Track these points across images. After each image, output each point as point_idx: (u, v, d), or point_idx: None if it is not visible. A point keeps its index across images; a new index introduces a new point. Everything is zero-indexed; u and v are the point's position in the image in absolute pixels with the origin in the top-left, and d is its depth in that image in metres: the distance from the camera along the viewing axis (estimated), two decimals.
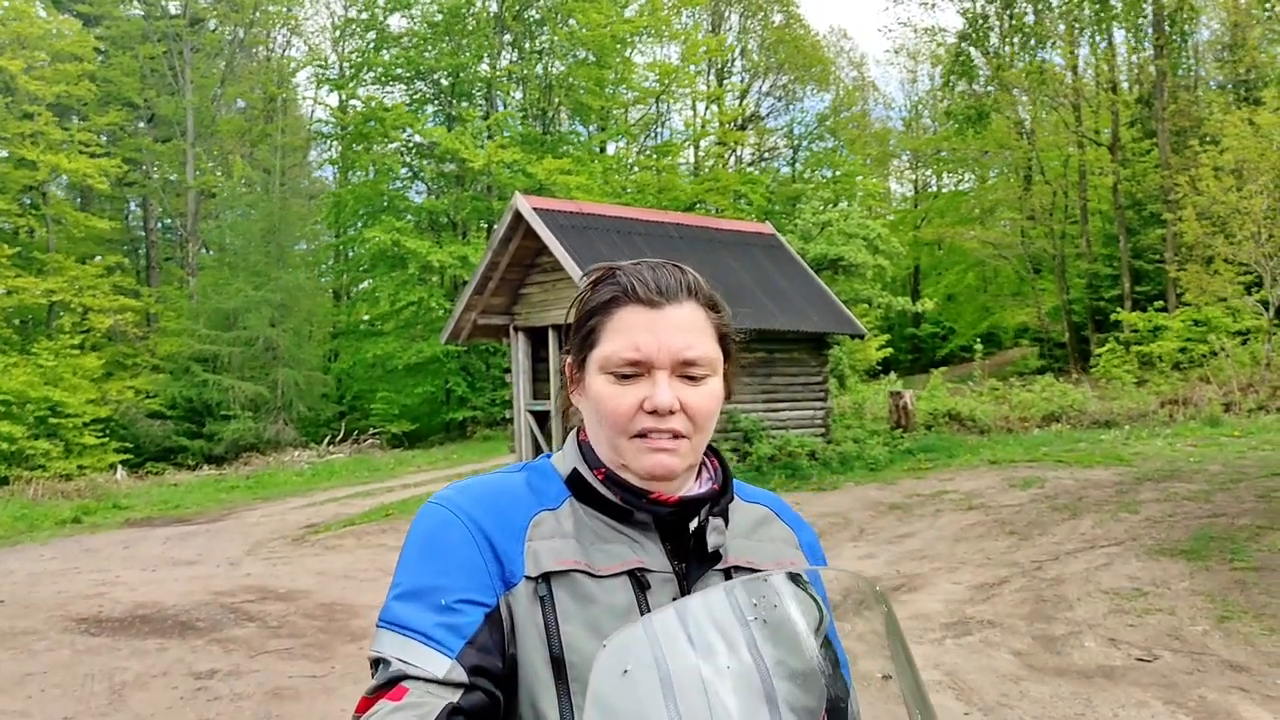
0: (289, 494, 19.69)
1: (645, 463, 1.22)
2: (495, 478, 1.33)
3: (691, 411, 1.23)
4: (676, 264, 1.30)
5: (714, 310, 1.30)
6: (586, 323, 1.29)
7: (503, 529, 1.23)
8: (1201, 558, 8.42)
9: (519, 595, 1.19)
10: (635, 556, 1.24)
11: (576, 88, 37.81)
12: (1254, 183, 20.57)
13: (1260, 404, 18.65)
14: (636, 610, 1.19)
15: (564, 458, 1.35)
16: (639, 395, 1.22)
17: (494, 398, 31.87)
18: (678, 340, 1.23)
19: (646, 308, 1.24)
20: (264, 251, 31.17)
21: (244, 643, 7.66)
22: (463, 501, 1.26)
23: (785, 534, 1.42)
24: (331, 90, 37.64)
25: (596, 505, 1.28)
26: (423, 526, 1.26)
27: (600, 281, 1.30)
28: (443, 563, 1.20)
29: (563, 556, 1.21)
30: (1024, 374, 29.73)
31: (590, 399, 1.27)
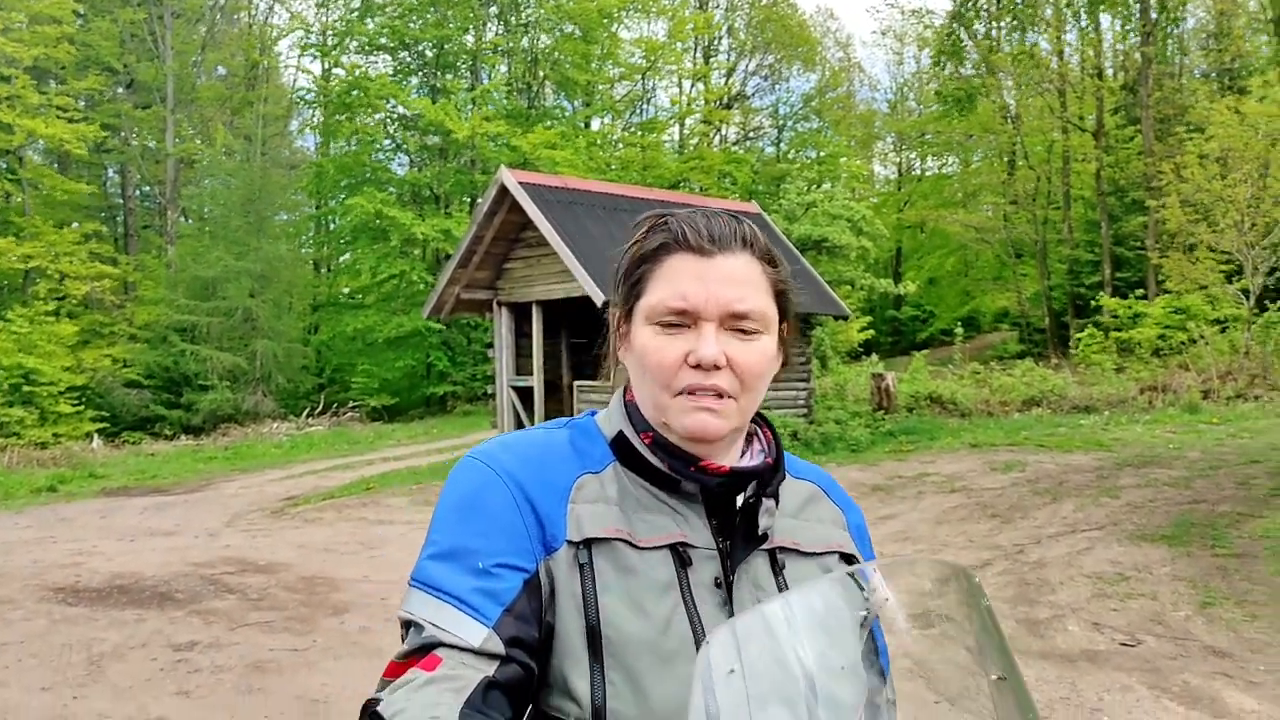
0: (267, 466, 19.58)
1: (687, 421, 1.15)
2: (538, 435, 1.27)
3: (740, 369, 1.15)
4: (734, 213, 1.23)
5: (771, 265, 1.22)
6: (635, 271, 1.22)
7: (545, 489, 1.16)
8: (1183, 543, 8.48)
9: (559, 561, 1.13)
10: (678, 530, 1.17)
11: (562, 62, 37.53)
12: (1238, 171, 20.65)
13: (1238, 392, 18.79)
14: (676, 586, 1.13)
15: (609, 418, 1.28)
16: (684, 348, 1.15)
17: (475, 373, 31.74)
18: (728, 291, 1.16)
19: (697, 256, 1.17)
20: (244, 221, 30.81)
21: (224, 615, 7.60)
22: (505, 458, 1.19)
23: (834, 514, 1.36)
24: (315, 58, 37.19)
25: (641, 472, 1.21)
26: (462, 483, 1.19)
27: (652, 229, 1.24)
28: (482, 523, 1.14)
29: (606, 524, 1.15)
30: (1004, 358, 29.86)
31: (635, 351, 1.21)
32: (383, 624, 7.17)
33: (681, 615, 1.12)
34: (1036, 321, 37.41)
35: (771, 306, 1.20)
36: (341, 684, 5.96)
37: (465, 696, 1.01)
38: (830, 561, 1.28)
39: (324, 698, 5.75)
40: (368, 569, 9.14)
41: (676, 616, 1.11)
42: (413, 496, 13.40)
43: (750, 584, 1.18)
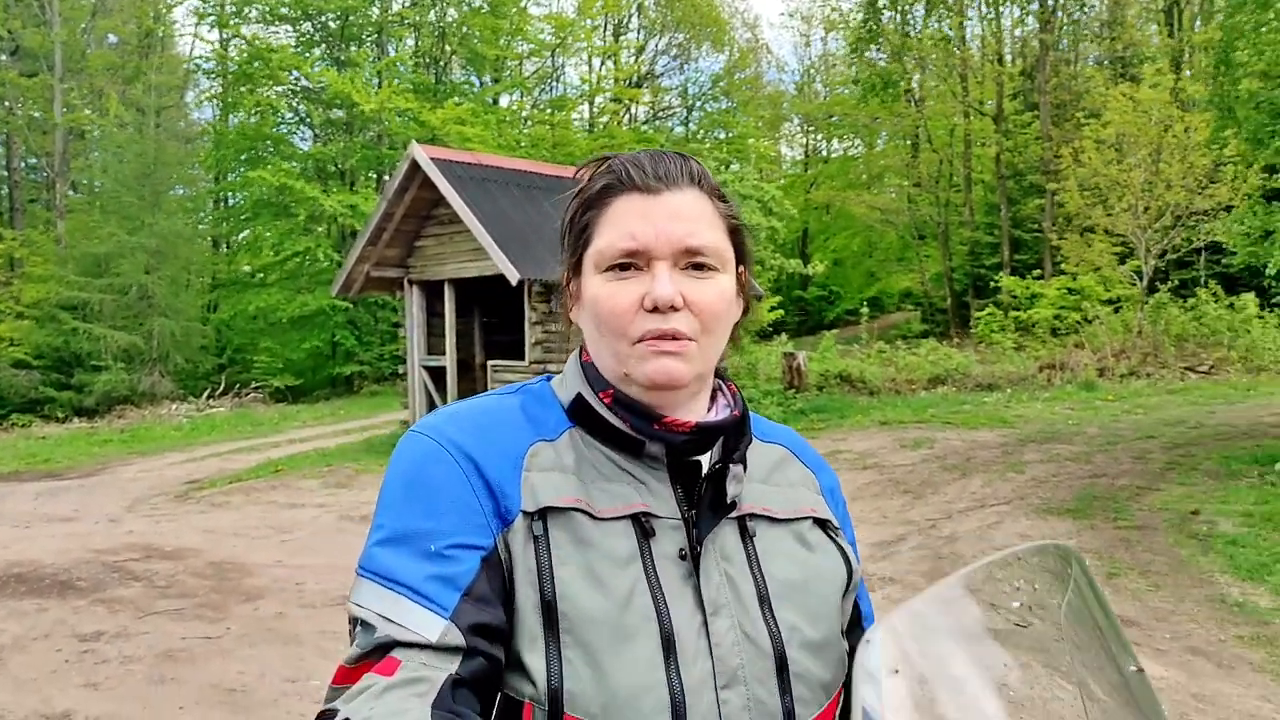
0: (167, 449, 18.98)
1: (648, 369, 1.09)
2: (487, 402, 1.19)
3: (698, 308, 1.10)
4: (679, 152, 1.17)
5: (722, 200, 1.17)
6: (580, 219, 1.16)
7: (497, 459, 1.09)
8: (1086, 516, 8.77)
9: (515, 533, 1.05)
10: (640, 499, 1.11)
11: (470, 37, 36.94)
12: (1133, 156, 21.37)
13: (1131, 369, 19.51)
14: (638, 559, 1.07)
15: (564, 382, 1.21)
16: (638, 291, 1.09)
17: (382, 352, 31.21)
18: (678, 227, 1.10)
19: (643, 194, 1.11)
20: (138, 195, 29.62)
21: (130, 603, 7.35)
22: (451, 430, 1.12)
23: (804, 476, 1.30)
24: (212, 27, 35.89)
25: (601, 436, 1.14)
26: (406, 460, 1.11)
27: (594, 173, 1.18)
28: (431, 502, 1.06)
29: (563, 492, 1.08)
30: (908, 337, 30.50)
31: (587, 304, 1.15)
32: (298, 609, 7.01)
33: (643, 589, 1.05)
34: (939, 301, 38.27)
35: (726, 243, 1.15)
36: (259, 671, 5.81)
37: (431, 699, 0.94)
38: (804, 527, 1.22)
39: (241, 686, 5.60)
40: (280, 553, 8.92)
41: (638, 591, 1.05)
42: (324, 479, 13.13)
43: (717, 555, 1.12)
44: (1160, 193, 20.90)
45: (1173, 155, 20.78)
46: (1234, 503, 8.79)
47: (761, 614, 1.11)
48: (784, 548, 1.18)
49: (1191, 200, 20.63)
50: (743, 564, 1.13)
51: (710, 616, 1.07)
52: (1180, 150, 20.73)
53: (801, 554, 1.19)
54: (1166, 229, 21.41)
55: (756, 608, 1.11)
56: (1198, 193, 20.58)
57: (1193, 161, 20.50)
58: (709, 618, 1.07)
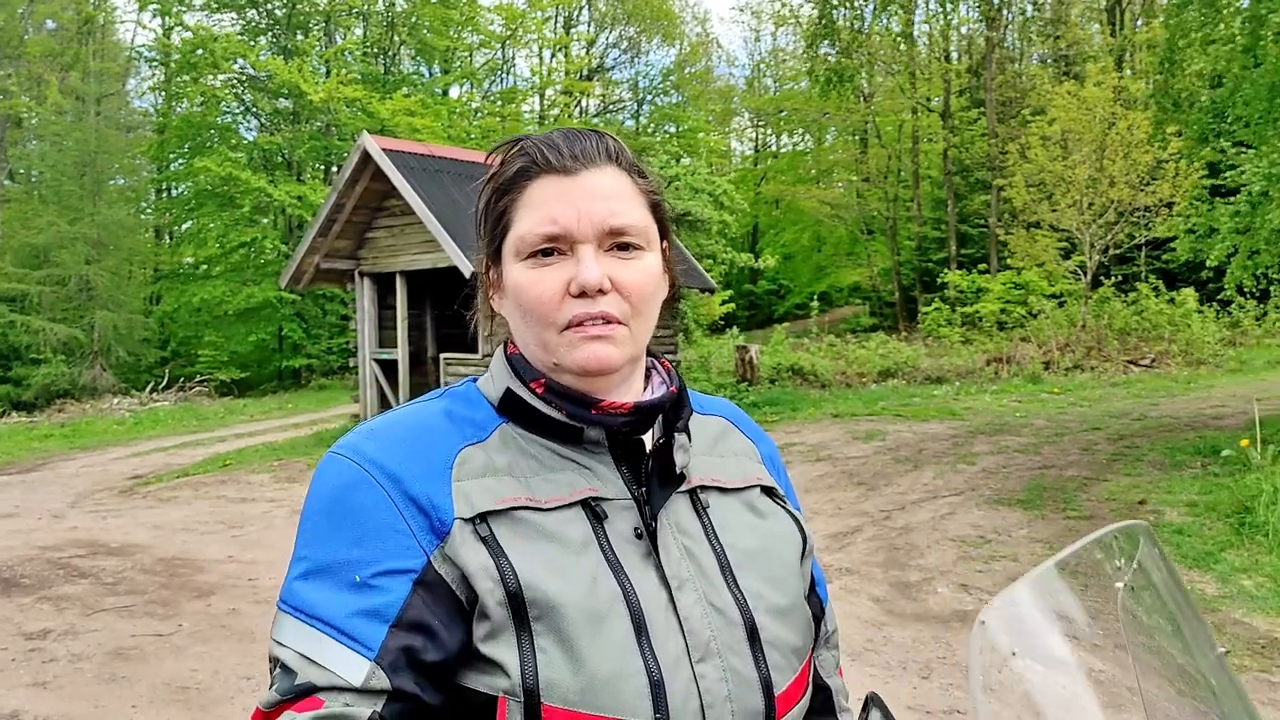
0: (110, 443, 18.62)
1: (578, 355, 1.06)
2: (408, 413, 1.13)
3: (626, 290, 1.07)
4: (593, 129, 1.14)
5: (641, 176, 1.14)
6: (496, 205, 1.12)
7: (422, 473, 1.04)
8: (1036, 507, 8.90)
9: (456, 541, 1.00)
10: (586, 484, 1.08)
11: (420, 26, 36.60)
12: (1078, 153, 21.75)
13: (1076, 363, 19.87)
14: (595, 544, 1.04)
15: (492, 379, 1.17)
16: (563, 277, 1.06)
17: (331, 345, 30.88)
18: (600, 206, 1.07)
19: (561, 176, 1.08)
20: (78, 184, 29.02)
21: (77, 600, 7.18)
22: (370, 448, 1.06)
23: (746, 446, 1.29)
24: (155, 14, 35.18)
25: (536, 427, 1.11)
26: (325, 485, 1.05)
27: (507, 157, 1.13)
28: (353, 529, 1.00)
29: (499, 494, 1.04)
30: (857, 331, 30.82)
31: (510, 294, 1.11)
32: (252, 605, 6.90)
33: (606, 571, 1.03)
34: (887, 296, 38.69)
35: (649, 220, 1.13)
36: (213, 669, 5.71)
37: None
38: (752, 496, 1.21)
39: (195, 684, 5.50)
40: (232, 549, 8.78)
41: (600, 574, 1.02)
42: (274, 473, 12.94)
43: (673, 529, 1.10)
44: (1104, 189, 21.31)
45: (1116, 152, 21.20)
46: (1179, 493, 8.97)
47: (726, 583, 1.09)
48: (738, 517, 1.17)
49: (1134, 197, 21.07)
50: (700, 536, 1.12)
51: (675, 591, 1.05)
52: (1123, 147, 21.15)
53: (755, 522, 1.19)
54: (1110, 224, 21.83)
55: (720, 578, 1.09)
56: (1140, 189, 21.01)
57: (1135, 158, 20.92)
58: (674, 593, 1.05)
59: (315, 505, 1.05)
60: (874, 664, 5.39)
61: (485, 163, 1.16)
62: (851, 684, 4.63)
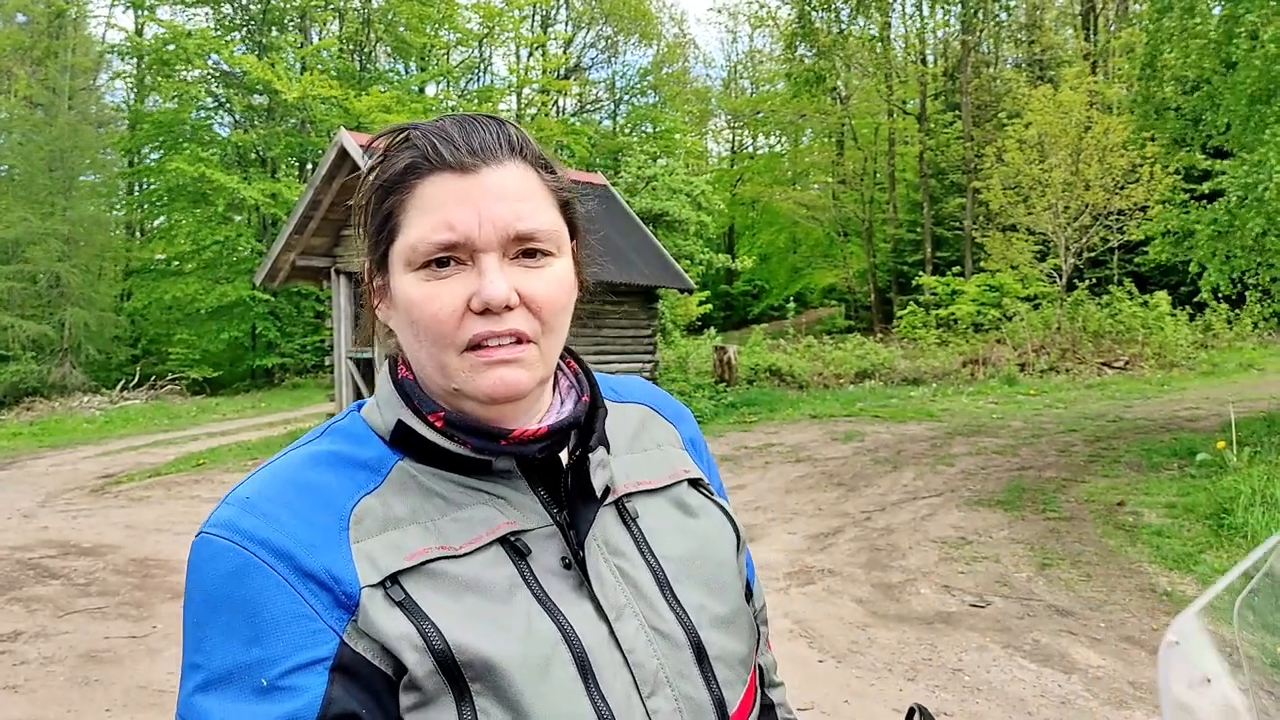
0: (80, 442, 18.38)
1: (482, 383, 0.92)
2: (285, 467, 0.97)
3: (536, 304, 0.94)
4: (491, 115, 0.99)
5: (549, 171, 1.00)
6: (381, 206, 0.95)
7: (315, 541, 0.89)
8: (1016, 508, 8.93)
9: (368, 612, 0.87)
10: (502, 518, 0.96)
11: (397, 23, 36.40)
12: (1054, 156, 21.91)
13: (1051, 365, 20.02)
14: (522, 585, 0.93)
15: (379, 408, 1.01)
16: (462, 291, 0.91)
17: (305, 344, 30.64)
18: (504, 210, 0.92)
19: (457, 174, 0.92)
20: (49, 179, 28.65)
21: (49, 602, 7.05)
22: (249, 524, 0.89)
23: (667, 433, 1.18)
24: (126, 8, 34.81)
25: (439, 462, 0.97)
26: (205, 576, 0.89)
27: (391, 149, 0.96)
28: (248, 624, 0.85)
29: (409, 548, 0.91)
30: (832, 332, 30.91)
31: (401, 309, 0.95)
32: None
33: (539, 613, 0.92)
34: (863, 297, 38.86)
35: (560, 222, 0.99)
36: None
37: None
38: (680, 491, 1.11)
39: (170, 687, 5.40)
40: None
41: (534, 616, 0.91)
42: (248, 472, 12.78)
43: (603, 551, 1.00)
44: (1079, 192, 21.47)
45: (1091, 156, 21.36)
46: (1157, 494, 9.02)
47: (666, 601, 1.00)
48: (669, 521, 1.08)
49: (1109, 200, 21.23)
50: (633, 552, 1.02)
51: (615, 623, 0.96)
52: (1099, 151, 21.32)
53: (687, 522, 1.09)
54: (1085, 228, 22.00)
55: (659, 596, 1.00)
56: (1115, 193, 21.18)
57: (1111, 162, 21.09)
58: (614, 624, 0.95)
59: (199, 601, 0.89)
60: (859, 666, 5.36)
61: (366, 152, 1.00)
62: (838, 686, 4.57)
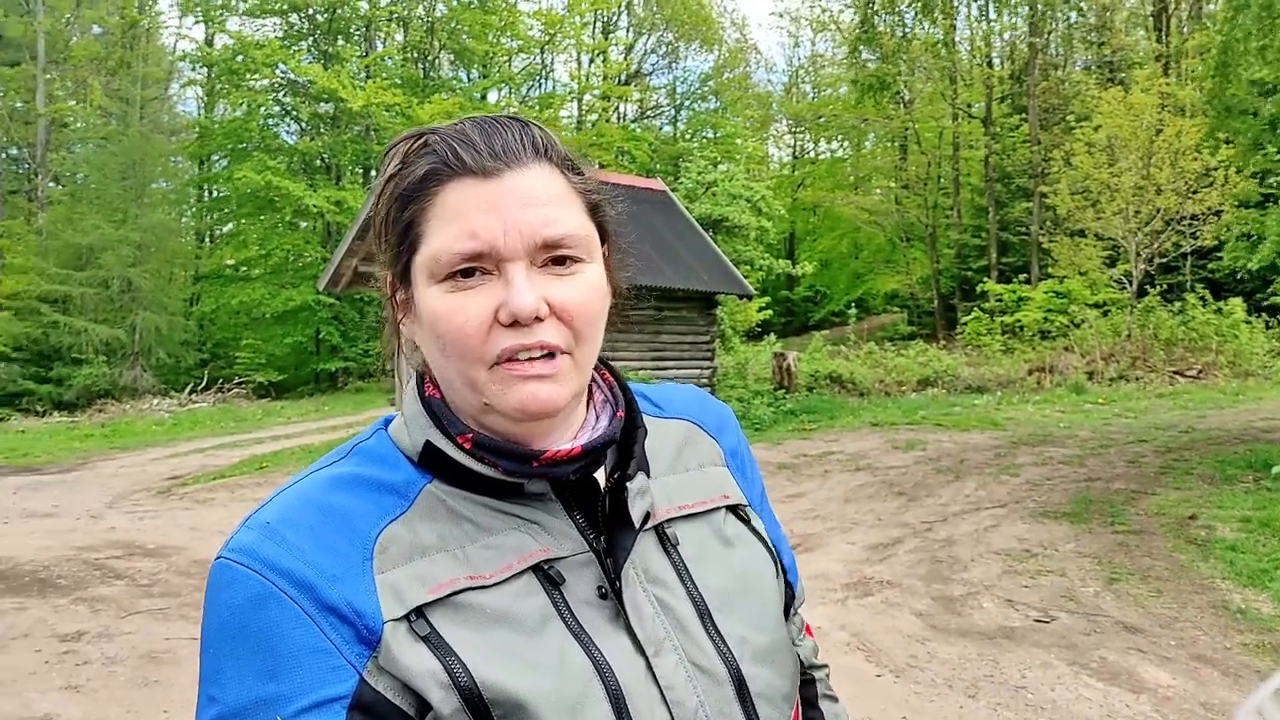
0: (149, 444, 18.77)
1: (512, 399, 0.88)
2: (309, 489, 0.92)
3: (567, 314, 0.89)
4: (514, 115, 0.95)
5: (576, 173, 0.95)
6: (401, 216, 0.91)
7: (338, 571, 0.85)
8: (1083, 520, 8.69)
9: (390, 648, 0.83)
10: (535, 545, 0.91)
11: (459, 32, 36.77)
12: (1124, 160, 21.40)
13: (1121, 373, 19.54)
14: (555, 616, 0.88)
15: (407, 428, 0.97)
16: (489, 302, 0.87)
17: (367, 348, 31.03)
18: (531, 216, 0.87)
19: (480, 178, 0.88)
20: (122, 187, 29.39)
21: (113, 602, 7.17)
22: (269, 551, 0.85)
23: (710, 451, 1.11)
24: (197, 21, 35.61)
25: (468, 484, 0.93)
26: (222, 604, 0.85)
27: (408, 154, 0.92)
28: (265, 657, 0.82)
29: (435, 580, 0.86)
30: (894, 339, 30.53)
31: (425, 323, 0.91)
32: None
33: (574, 648, 0.87)
34: (925, 304, 38.34)
35: (589, 226, 0.94)
36: None
37: None
38: (719, 519, 1.05)
39: None
40: None
41: (567, 651, 0.87)
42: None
43: (642, 580, 0.95)
44: (1151, 197, 20.94)
45: (1163, 159, 20.82)
46: (1230, 508, 8.73)
47: (706, 633, 0.95)
48: (710, 548, 1.02)
49: (1182, 205, 20.68)
50: (674, 581, 0.97)
51: (653, 657, 0.91)
52: (1171, 155, 20.77)
53: (727, 553, 1.03)
54: (1156, 233, 21.45)
55: (699, 628, 0.95)
56: (1188, 197, 20.63)
57: (1183, 166, 20.55)
58: (651, 659, 0.91)
59: (215, 629, 0.86)
60: (919, 681, 5.23)
61: (383, 159, 0.96)
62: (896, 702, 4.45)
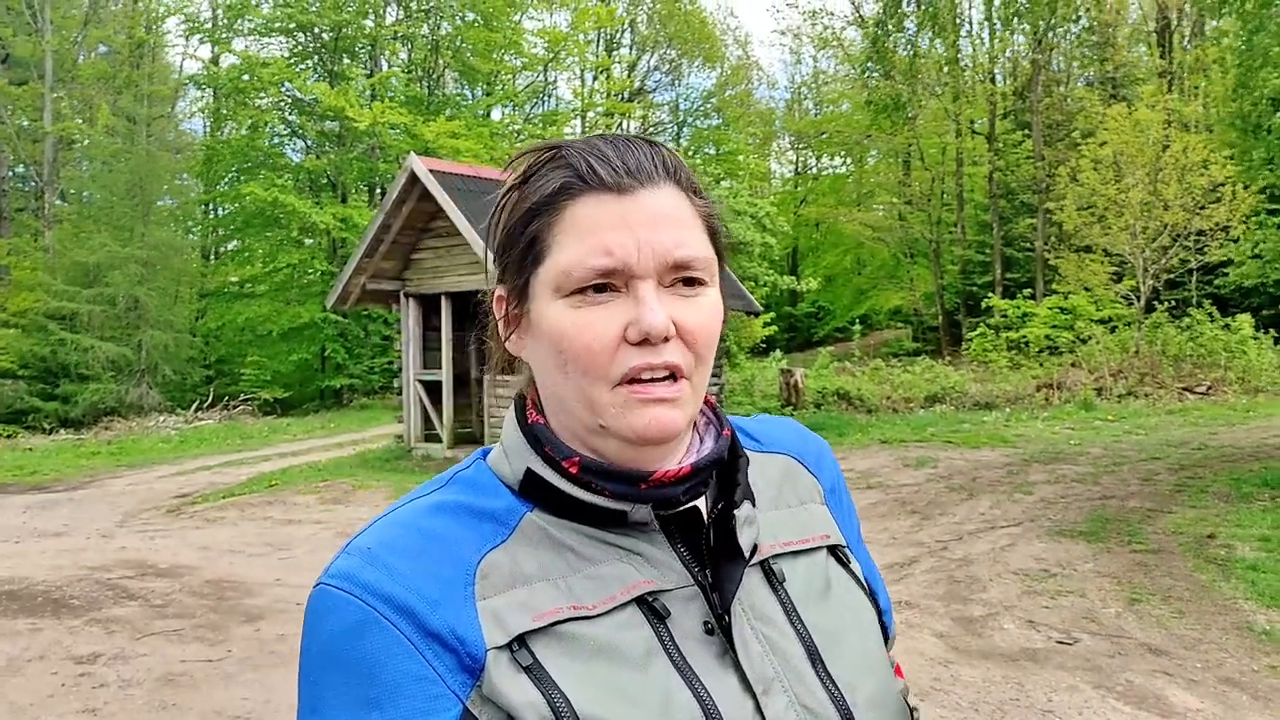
0: (156, 461, 18.74)
1: (636, 422, 0.86)
2: (409, 515, 0.91)
3: (691, 335, 0.88)
4: (643, 137, 0.93)
5: (698, 195, 0.93)
6: (525, 230, 0.90)
7: (440, 598, 0.84)
8: (1100, 539, 8.64)
9: (493, 678, 0.82)
10: (640, 576, 0.88)
11: (464, 50, 36.90)
12: (1130, 176, 21.40)
13: (1129, 389, 19.48)
14: (660, 651, 0.85)
15: (506, 456, 0.95)
16: (618, 320, 0.86)
17: (373, 365, 31.02)
18: (665, 237, 0.86)
19: (614, 195, 0.87)
20: (128, 205, 29.44)
21: (127, 623, 7.13)
22: (370, 577, 0.84)
23: (810, 487, 1.08)
24: (203, 40, 35.76)
25: (570, 513, 0.91)
26: (322, 631, 0.84)
27: (539, 167, 0.91)
28: (366, 685, 0.81)
29: (539, 608, 0.85)
30: (899, 355, 30.50)
31: (544, 339, 0.89)
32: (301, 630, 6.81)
33: (679, 685, 0.84)
34: (930, 319, 38.32)
35: (710, 248, 0.92)
36: (264, 697, 5.62)
37: None
38: (820, 559, 1.01)
39: (245, 713, 5.41)
40: (280, 571, 8.72)
41: (674, 689, 0.84)
42: (320, 494, 12.90)
43: (750, 618, 0.91)
44: (1158, 213, 20.93)
45: (1170, 175, 20.83)
46: (1249, 526, 8.68)
47: (817, 677, 0.91)
48: (815, 587, 0.98)
49: (1190, 220, 20.67)
50: (781, 620, 0.93)
51: (762, 696, 0.87)
52: (1178, 171, 20.78)
53: (829, 593, 1.00)
54: (1164, 249, 21.44)
55: (809, 670, 0.91)
56: (1195, 213, 20.63)
57: (1190, 182, 20.55)
58: (760, 699, 0.87)
59: (314, 656, 0.85)
60: (944, 704, 5.18)
61: (507, 169, 0.96)
62: None
